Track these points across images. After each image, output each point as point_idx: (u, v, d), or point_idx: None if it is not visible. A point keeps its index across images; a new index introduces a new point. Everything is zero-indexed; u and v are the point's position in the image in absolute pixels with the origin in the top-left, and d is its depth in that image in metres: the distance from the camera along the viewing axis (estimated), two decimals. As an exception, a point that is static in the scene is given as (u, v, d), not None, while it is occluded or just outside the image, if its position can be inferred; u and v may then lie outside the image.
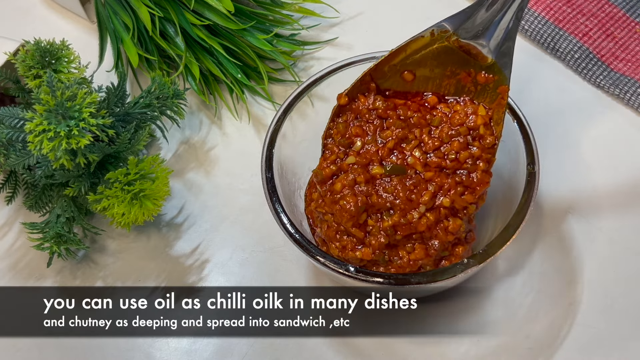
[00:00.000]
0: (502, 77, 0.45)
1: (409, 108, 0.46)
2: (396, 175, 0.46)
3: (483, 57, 0.45)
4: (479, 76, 0.45)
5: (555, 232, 0.54)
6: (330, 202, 0.47)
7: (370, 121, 0.46)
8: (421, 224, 0.47)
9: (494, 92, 0.46)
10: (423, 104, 0.47)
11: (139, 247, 0.56)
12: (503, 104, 0.45)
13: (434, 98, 0.47)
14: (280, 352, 0.50)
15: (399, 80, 0.46)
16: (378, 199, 0.46)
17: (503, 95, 0.45)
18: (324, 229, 0.49)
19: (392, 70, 0.46)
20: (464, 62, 0.45)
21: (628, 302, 0.50)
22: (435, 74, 0.46)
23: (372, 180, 0.46)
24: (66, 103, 0.47)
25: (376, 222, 0.47)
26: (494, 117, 0.46)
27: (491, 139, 0.46)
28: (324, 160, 0.47)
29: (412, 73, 0.46)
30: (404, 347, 0.50)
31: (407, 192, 0.46)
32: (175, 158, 0.60)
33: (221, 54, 0.61)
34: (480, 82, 0.46)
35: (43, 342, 0.52)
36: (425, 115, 0.46)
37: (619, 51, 0.62)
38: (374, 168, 0.46)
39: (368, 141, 0.46)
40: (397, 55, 0.46)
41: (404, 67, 0.46)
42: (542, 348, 0.49)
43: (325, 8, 0.67)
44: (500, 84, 0.45)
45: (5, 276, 0.55)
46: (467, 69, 0.45)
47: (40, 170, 0.51)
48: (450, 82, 0.46)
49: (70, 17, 0.71)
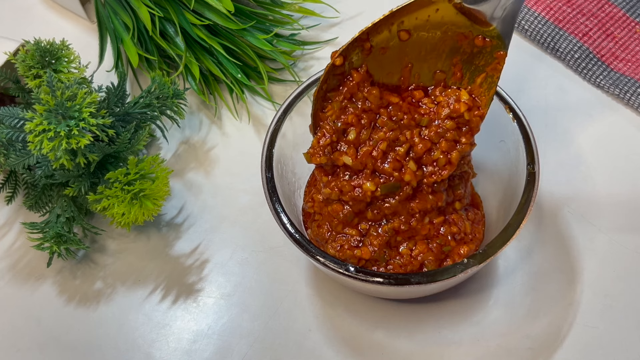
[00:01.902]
0: (501, 44, 0.45)
1: (400, 108, 0.46)
2: (392, 193, 0.47)
3: (485, 22, 0.44)
4: (477, 39, 0.45)
5: (555, 232, 0.54)
6: (322, 203, 0.48)
7: (365, 110, 0.46)
8: (424, 228, 0.47)
9: (490, 56, 0.45)
10: (411, 101, 0.47)
11: (139, 247, 0.56)
12: (499, 69, 0.45)
13: (421, 92, 0.47)
14: (280, 352, 0.50)
15: (395, 40, 0.45)
16: (374, 216, 0.46)
17: (500, 60, 0.45)
18: (314, 228, 0.49)
19: (388, 28, 0.45)
20: (463, 25, 0.45)
21: (628, 302, 0.51)
22: (431, 35, 0.45)
23: None
24: (66, 103, 0.47)
25: (371, 226, 0.47)
26: (485, 82, 0.45)
27: (477, 119, 0.46)
28: (317, 142, 0.46)
29: (409, 33, 0.45)
30: (404, 347, 0.50)
31: (406, 210, 0.46)
32: (175, 158, 0.60)
33: (221, 54, 0.61)
34: (477, 45, 0.45)
35: (43, 342, 0.52)
36: (414, 115, 0.46)
37: (619, 51, 0.62)
38: (367, 184, 0.46)
39: (362, 138, 0.46)
40: (396, 16, 0.45)
41: (401, 26, 0.45)
42: (542, 348, 0.49)
43: (325, 8, 0.67)
44: (498, 50, 0.45)
45: (5, 276, 0.55)
46: (466, 30, 0.45)
47: (40, 170, 0.51)
48: (446, 43, 0.45)
49: (70, 17, 0.71)
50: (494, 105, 0.49)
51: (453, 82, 0.46)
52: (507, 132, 0.48)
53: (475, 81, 0.46)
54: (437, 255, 0.47)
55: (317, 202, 0.49)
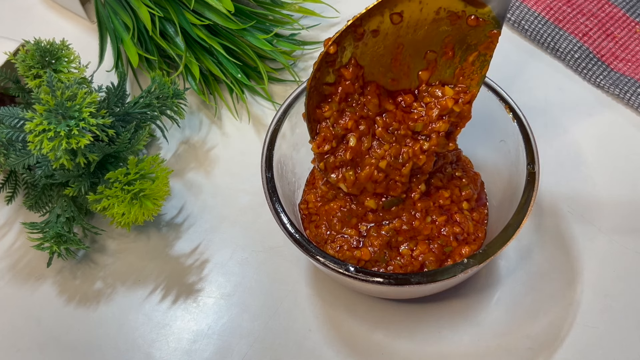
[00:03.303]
0: (495, 23, 0.44)
1: (395, 116, 0.46)
2: (395, 205, 0.47)
3: (480, 3, 0.44)
4: (469, 20, 0.44)
5: (555, 232, 0.54)
6: (318, 203, 0.48)
7: (364, 117, 0.46)
8: (426, 228, 0.47)
9: (483, 35, 0.45)
10: (402, 107, 0.47)
11: (139, 247, 0.56)
12: (492, 48, 0.45)
13: (411, 97, 0.47)
14: (280, 352, 0.50)
15: (387, 24, 0.45)
16: (375, 217, 0.47)
17: (493, 39, 0.45)
18: (312, 229, 0.49)
19: (381, 12, 0.44)
20: (457, 6, 0.44)
21: (628, 302, 0.51)
22: (423, 17, 0.44)
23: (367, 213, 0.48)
24: (66, 103, 0.47)
25: (371, 226, 0.47)
26: (478, 60, 0.45)
27: (467, 107, 0.46)
28: (316, 148, 0.46)
29: (400, 15, 0.44)
30: (404, 347, 0.50)
31: (409, 216, 0.47)
32: (175, 158, 0.60)
33: (221, 54, 0.61)
34: (470, 25, 0.45)
35: (43, 342, 0.52)
36: (409, 123, 0.46)
37: (619, 51, 0.62)
38: (367, 201, 0.47)
39: (364, 146, 0.46)
40: (391, 1, 0.44)
41: (393, 9, 0.44)
42: (542, 348, 0.49)
43: (325, 8, 0.67)
44: (491, 29, 0.45)
45: (5, 276, 0.55)
46: (459, 11, 0.44)
47: (40, 170, 0.51)
48: (439, 24, 0.45)
49: (70, 17, 0.71)
50: (494, 105, 0.49)
51: (444, 61, 0.46)
52: (507, 132, 0.48)
53: (467, 59, 0.46)
54: (438, 256, 0.47)
55: (311, 203, 0.49)
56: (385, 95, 0.46)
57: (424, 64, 0.46)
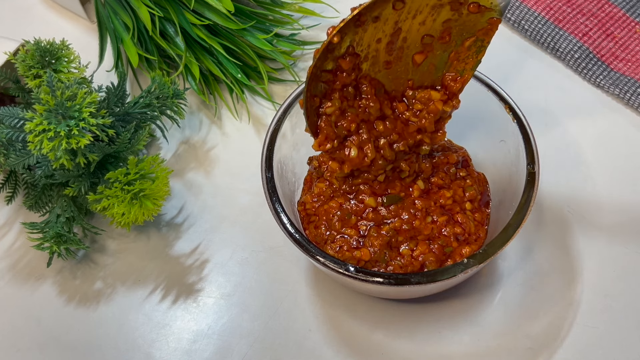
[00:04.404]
0: (497, 11, 0.44)
1: (394, 128, 0.47)
2: (395, 204, 0.47)
3: None
4: (471, 7, 0.44)
5: (555, 232, 0.54)
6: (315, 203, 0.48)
7: (364, 121, 0.46)
8: (427, 228, 0.47)
9: (483, 21, 0.45)
10: (398, 116, 0.47)
11: (139, 247, 0.56)
12: (490, 35, 0.45)
13: (404, 105, 0.47)
14: (280, 352, 0.50)
15: (388, 9, 0.44)
16: (375, 216, 0.47)
17: (493, 26, 0.45)
18: (312, 230, 0.49)
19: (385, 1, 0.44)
20: None
21: (628, 302, 0.51)
22: (424, 2, 0.44)
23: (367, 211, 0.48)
24: (66, 103, 0.47)
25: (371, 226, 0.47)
26: (474, 45, 0.45)
27: (456, 101, 0.46)
28: (317, 146, 0.46)
29: (403, 2, 0.44)
30: (404, 347, 0.50)
31: (410, 216, 0.47)
32: (175, 158, 0.60)
33: (221, 54, 0.61)
34: (471, 11, 0.44)
35: (43, 342, 0.52)
36: (408, 140, 0.47)
37: (619, 51, 0.62)
38: (367, 199, 0.48)
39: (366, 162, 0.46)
40: None
41: None
42: (542, 348, 0.49)
43: (325, 8, 0.67)
44: (491, 17, 0.44)
45: (5, 276, 0.55)
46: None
47: (40, 170, 0.51)
48: (439, 10, 0.44)
49: (70, 17, 0.71)
50: (494, 105, 0.49)
51: (440, 45, 0.46)
52: (507, 132, 0.48)
53: (463, 44, 0.45)
54: (438, 256, 0.47)
55: (309, 204, 0.49)
56: (381, 92, 0.46)
57: (420, 47, 0.46)
